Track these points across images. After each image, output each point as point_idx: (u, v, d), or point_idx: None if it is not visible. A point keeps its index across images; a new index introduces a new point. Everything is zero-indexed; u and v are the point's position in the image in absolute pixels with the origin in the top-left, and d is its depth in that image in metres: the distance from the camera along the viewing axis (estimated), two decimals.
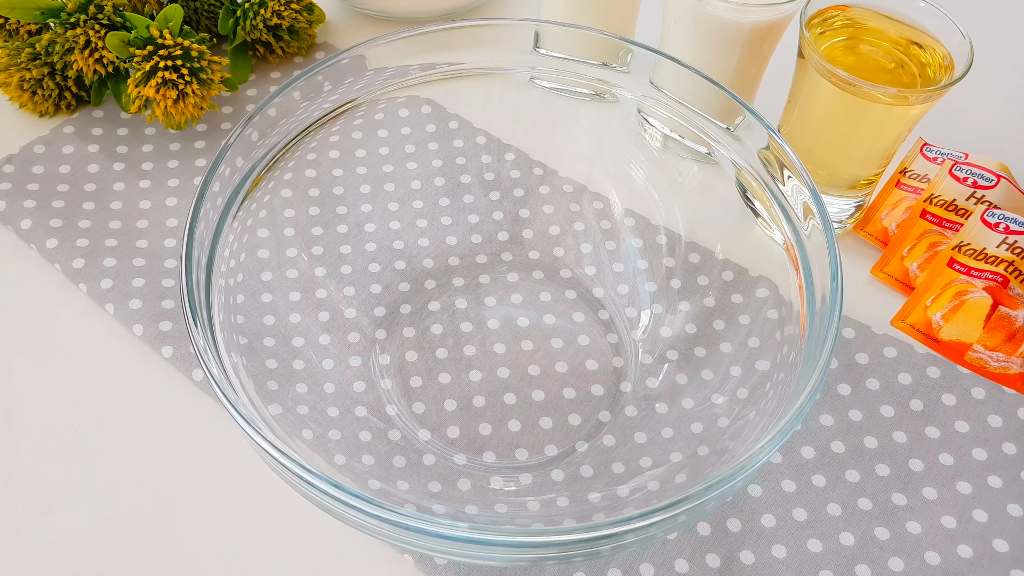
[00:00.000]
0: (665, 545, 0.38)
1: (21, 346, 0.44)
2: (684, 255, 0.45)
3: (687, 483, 0.37)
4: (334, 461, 0.37)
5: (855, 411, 0.42)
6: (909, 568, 0.38)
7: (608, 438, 0.41)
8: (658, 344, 0.43)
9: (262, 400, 0.36)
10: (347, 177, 0.47)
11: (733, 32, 0.45)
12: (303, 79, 0.40)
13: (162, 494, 0.39)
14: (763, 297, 0.41)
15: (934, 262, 0.46)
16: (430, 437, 0.41)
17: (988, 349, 0.44)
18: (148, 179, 0.49)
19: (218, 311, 0.36)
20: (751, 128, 0.40)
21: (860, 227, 0.49)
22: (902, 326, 0.45)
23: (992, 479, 0.40)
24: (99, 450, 0.40)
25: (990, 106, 0.57)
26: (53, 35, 0.50)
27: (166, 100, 0.47)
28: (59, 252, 0.46)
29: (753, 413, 0.37)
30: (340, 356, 0.42)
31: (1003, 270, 0.44)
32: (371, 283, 0.45)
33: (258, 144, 0.40)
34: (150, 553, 0.38)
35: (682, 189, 0.45)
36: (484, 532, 0.29)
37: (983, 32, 0.50)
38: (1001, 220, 0.45)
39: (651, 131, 0.47)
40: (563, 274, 0.47)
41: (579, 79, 0.45)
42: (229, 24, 0.53)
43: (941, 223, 0.47)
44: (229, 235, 0.39)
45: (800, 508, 0.39)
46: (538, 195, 0.48)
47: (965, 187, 0.47)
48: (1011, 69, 0.60)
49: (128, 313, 0.44)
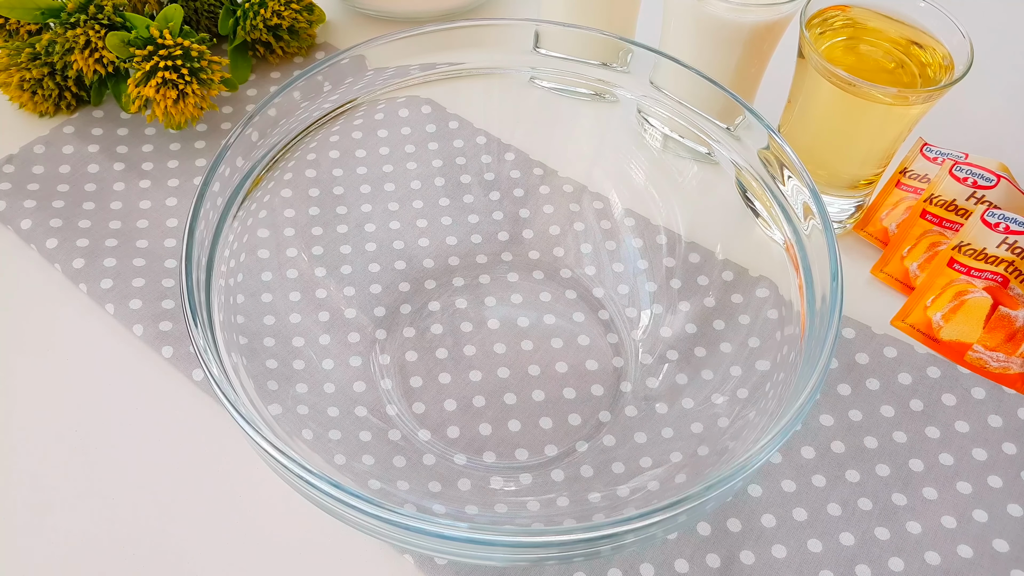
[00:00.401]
0: (665, 545, 0.38)
1: (21, 346, 0.44)
2: (684, 255, 0.45)
3: (687, 483, 0.37)
4: (334, 461, 0.37)
5: (855, 411, 0.42)
6: (909, 568, 0.38)
7: (608, 438, 0.41)
8: (658, 344, 0.43)
9: (262, 400, 0.36)
10: (347, 177, 0.47)
11: (733, 32, 0.45)
12: (303, 79, 0.40)
13: (162, 494, 0.39)
14: (763, 297, 0.41)
15: (934, 262, 0.46)
16: (430, 437, 0.41)
17: (988, 349, 0.44)
18: (148, 179, 0.49)
19: (218, 311, 0.36)
20: (751, 128, 0.40)
21: (860, 227, 0.49)
22: (902, 326, 0.45)
23: (992, 479, 0.40)
24: (99, 450, 0.40)
25: (990, 106, 0.57)
26: (53, 35, 0.50)
27: (166, 100, 0.47)
28: (59, 252, 0.46)
29: (753, 413, 0.37)
30: (340, 356, 0.42)
31: (1003, 270, 0.44)
32: (371, 283, 0.45)
33: (258, 144, 0.40)
34: (150, 553, 0.38)
35: (682, 189, 0.45)
36: (484, 532, 0.29)
37: (983, 32, 0.50)
38: (1001, 220, 0.45)
39: (651, 131, 0.47)
40: (563, 274, 0.47)
41: (579, 79, 0.45)
42: (229, 24, 0.53)
43: (941, 223, 0.47)
44: (229, 235, 0.39)
45: (800, 508, 0.39)
46: (538, 195, 0.48)
47: (965, 187, 0.47)
48: (1011, 69, 0.60)
49: (128, 313, 0.44)
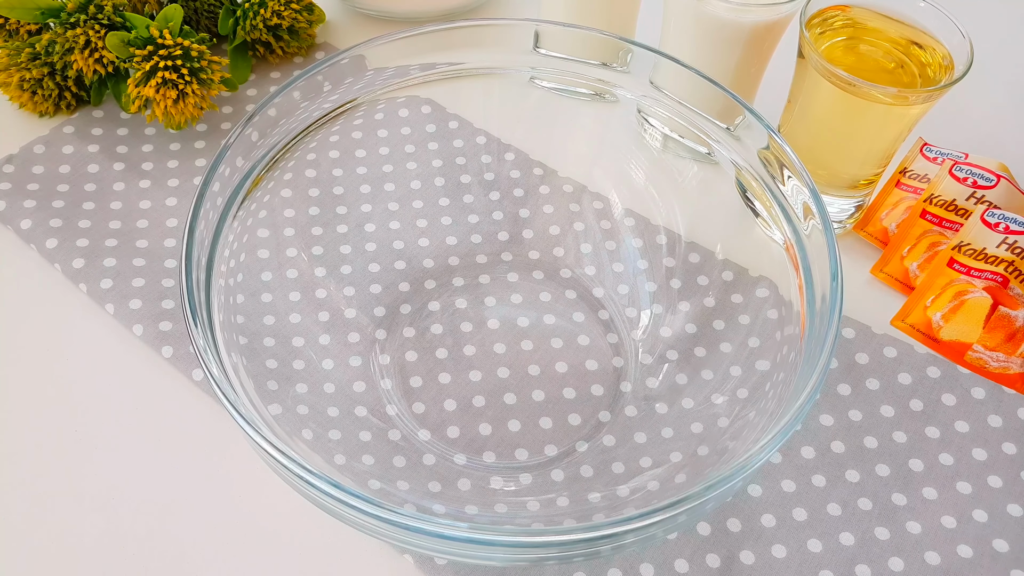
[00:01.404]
0: (665, 545, 0.38)
1: (21, 346, 0.44)
2: (684, 255, 0.45)
3: (687, 483, 0.37)
4: (334, 461, 0.37)
5: (855, 411, 0.42)
6: (909, 568, 0.38)
7: (608, 438, 0.41)
8: (658, 344, 0.43)
9: (262, 400, 0.36)
10: (347, 177, 0.47)
11: (733, 32, 0.45)
12: (303, 79, 0.40)
13: (162, 494, 0.39)
14: (763, 297, 0.41)
15: (934, 262, 0.46)
16: (430, 437, 0.41)
17: (988, 349, 0.44)
18: (148, 179, 0.49)
19: (218, 311, 0.36)
20: (751, 128, 0.40)
21: (860, 227, 0.49)
22: (902, 326, 0.45)
23: (992, 479, 0.40)
24: (99, 450, 0.40)
25: (990, 106, 0.57)
26: (53, 35, 0.50)
27: (166, 100, 0.47)
28: (59, 252, 0.46)
29: (753, 413, 0.37)
30: (340, 356, 0.42)
31: (1003, 270, 0.44)
32: (371, 283, 0.45)
33: (258, 144, 0.40)
34: (150, 553, 0.38)
35: (682, 189, 0.45)
36: (484, 532, 0.29)
37: (983, 32, 0.50)
38: (1001, 220, 0.45)
39: (651, 131, 0.47)
40: (563, 274, 0.47)
41: (579, 79, 0.45)
42: (229, 24, 0.53)
43: (941, 223, 0.47)
44: (229, 235, 0.39)
45: (800, 508, 0.39)
46: (538, 195, 0.48)
47: (965, 187, 0.47)
48: (1011, 69, 0.60)
49: (128, 313, 0.44)
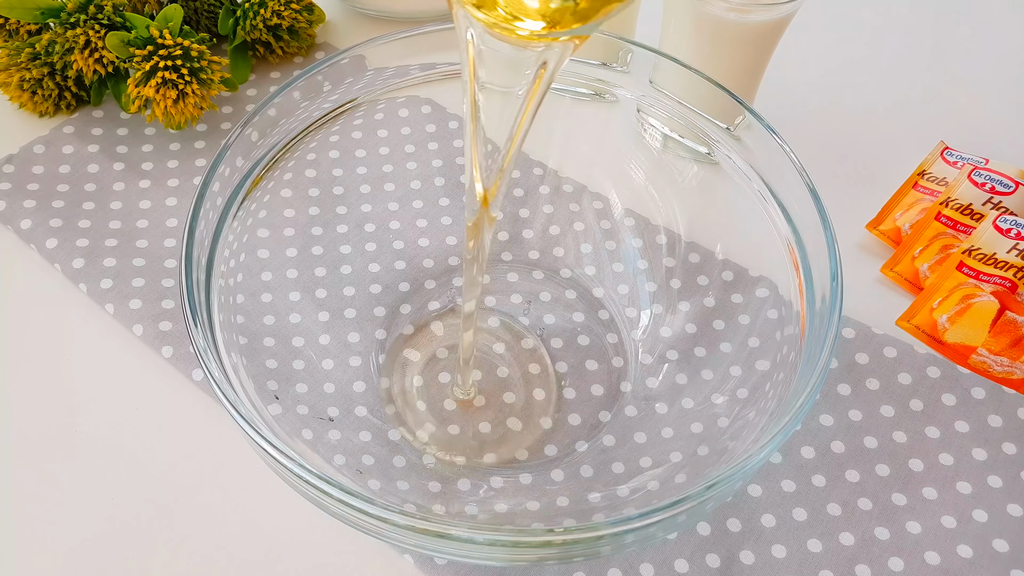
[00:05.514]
0: (665, 545, 0.38)
1: (21, 346, 0.44)
2: (684, 255, 0.45)
3: (687, 483, 0.36)
4: (334, 461, 0.37)
5: (855, 411, 0.42)
6: (909, 568, 0.38)
7: (608, 438, 0.41)
8: (658, 344, 0.43)
9: (262, 400, 0.36)
10: (347, 177, 0.47)
11: (733, 32, 0.45)
12: (303, 79, 0.40)
13: (162, 494, 0.39)
14: (763, 297, 0.41)
15: (944, 264, 0.46)
16: (430, 437, 0.40)
17: (992, 353, 0.44)
18: (148, 179, 0.49)
19: (218, 311, 0.36)
20: (751, 128, 0.40)
21: (873, 225, 0.49)
22: (907, 326, 0.45)
23: (992, 479, 0.40)
24: (99, 450, 0.40)
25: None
26: (53, 35, 0.50)
27: (166, 100, 0.47)
28: (59, 252, 0.46)
29: (753, 413, 0.37)
30: (340, 356, 0.42)
31: (1012, 275, 0.44)
32: (371, 283, 0.45)
33: (258, 144, 0.40)
34: (150, 553, 0.38)
35: (682, 189, 0.45)
36: (484, 532, 0.29)
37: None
38: (1013, 226, 0.45)
39: (651, 131, 0.47)
40: (563, 274, 0.47)
41: (579, 79, 0.45)
42: (229, 24, 0.53)
43: (955, 226, 0.47)
44: (229, 235, 0.39)
45: (800, 508, 0.39)
46: (538, 195, 0.48)
47: (983, 192, 0.47)
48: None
49: (128, 313, 0.44)
